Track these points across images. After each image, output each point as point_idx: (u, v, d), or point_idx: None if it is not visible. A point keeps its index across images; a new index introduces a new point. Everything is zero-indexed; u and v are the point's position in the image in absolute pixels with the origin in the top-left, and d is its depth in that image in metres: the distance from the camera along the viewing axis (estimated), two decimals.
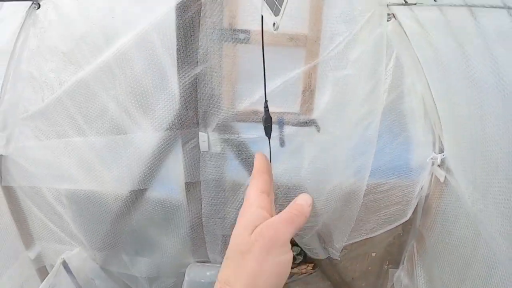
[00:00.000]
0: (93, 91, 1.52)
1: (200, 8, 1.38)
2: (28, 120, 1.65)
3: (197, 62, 1.41)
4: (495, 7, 0.79)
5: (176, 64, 1.42)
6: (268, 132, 0.83)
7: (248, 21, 1.38)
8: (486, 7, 0.81)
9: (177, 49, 1.41)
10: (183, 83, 1.42)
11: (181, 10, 1.39)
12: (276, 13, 0.84)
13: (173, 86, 1.44)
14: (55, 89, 1.61)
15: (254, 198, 0.41)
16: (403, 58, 1.45)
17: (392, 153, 1.62)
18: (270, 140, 0.84)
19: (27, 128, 1.70)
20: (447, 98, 1.19)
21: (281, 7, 0.83)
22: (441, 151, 1.41)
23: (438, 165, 1.45)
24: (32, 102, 1.64)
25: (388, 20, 1.39)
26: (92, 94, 1.53)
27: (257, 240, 0.35)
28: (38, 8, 1.60)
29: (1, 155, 1.73)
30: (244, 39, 1.38)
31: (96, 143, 1.57)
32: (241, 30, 1.33)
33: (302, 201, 0.40)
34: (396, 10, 1.32)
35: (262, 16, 0.88)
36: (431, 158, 1.46)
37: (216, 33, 1.38)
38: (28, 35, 1.63)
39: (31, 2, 1.59)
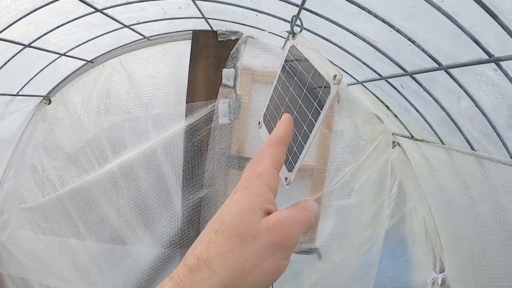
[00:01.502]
0: (94, 198, 1.53)
1: (209, 133, 1.40)
2: (26, 212, 1.65)
3: (202, 185, 1.41)
4: (504, 163, 0.79)
5: (181, 184, 1.43)
6: None
7: (256, 150, 1.39)
8: (494, 161, 0.81)
9: (183, 170, 1.42)
10: (187, 204, 1.42)
11: (191, 133, 1.40)
12: (290, 168, 0.84)
13: (177, 205, 1.44)
14: (57, 187, 1.62)
15: (266, 171, 0.35)
16: (406, 184, 1.46)
17: (392, 275, 1.61)
18: None
19: (24, 219, 1.69)
20: (449, 223, 1.20)
21: (295, 164, 0.83)
22: (442, 270, 1.41)
23: (439, 285, 1.44)
24: (32, 194, 1.64)
25: (393, 147, 1.40)
26: (94, 200, 1.53)
27: (270, 232, 0.30)
28: (49, 103, 1.62)
29: None
30: None
31: (92, 248, 1.57)
32: (248, 158, 1.34)
33: (311, 207, 0.35)
34: (400, 139, 1.34)
35: None
36: (432, 278, 1.45)
37: (223, 159, 1.39)
38: (35, 129, 1.64)
39: (42, 97, 1.61)
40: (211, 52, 1.40)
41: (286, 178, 0.84)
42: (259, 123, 1.14)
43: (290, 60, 0.91)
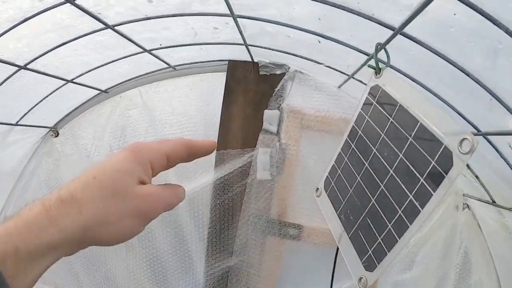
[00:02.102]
0: (102, 254, 1.30)
1: (244, 190, 1.13)
2: None
3: (231, 252, 1.14)
4: None
5: (206, 249, 1.17)
6: None
7: (302, 215, 1.11)
8: None
9: (209, 232, 1.16)
10: (211, 273, 1.16)
11: (221, 188, 1.15)
12: (369, 266, 0.59)
13: (199, 273, 1.19)
14: None
15: (158, 150, 0.37)
16: (472, 252, 1.24)
17: None
18: None
19: None
20: None
21: (378, 261, 0.58)
22: None
23: None
24: None
25: (462, 210, 1.17)
26: (101, 256, 1.31)
27: (139, 199, 0.33)
28: (56, 136, 1.40)
29: None
30: (293, 236, 1.11)
31: None
32: (292, 224, 1.09)
33: (180, 194, 0.40)
34: (472, 201, 1.12)
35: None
36: None
37: (260, 223, 1.12)
38: (39, 164, 1.44)
39: (48, 129, 1.39)
40: (251, 88, 1.14)
41: (362, 278, 0.61)
42: (318, 189, 0.90)
43: (372, 107, 0.69)
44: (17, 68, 0.95)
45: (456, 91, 0.78)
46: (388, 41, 0.69)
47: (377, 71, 0.69)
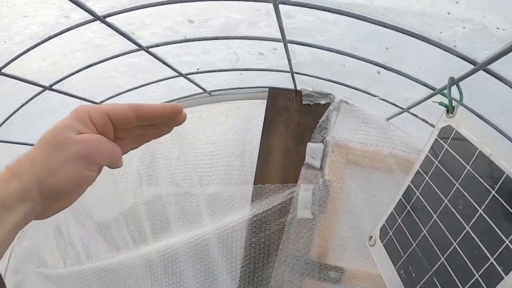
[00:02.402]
0: (124, 284, 1.23)
1: (283, 228, 1.05)
2: (44, 278, 1.44)
3: None
4: None
5: None
6: None
7: (344, 258, 1.03)
8: None
9: (241, 271, 1.09)
10: None
11: (258, 224, 1.07)
12: None
13: None
14: (81, 258, 1.36)
15: (99, 108, 0.39)
16: None
17: None
18: None
19: (40, 284, 1.49)
20: None
21: None
22: None
23: None
24: (52, 259, 1.43)
25: None
26: (123, 287, 1.22)
27: (79, 144, 0.36)
28: None
29: None
30: (334, 279, 1.03)
31: None
32: (333, 266, 1.01)
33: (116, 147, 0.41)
34: None
35: None
36: None
37: (298, 264, 1.04)
38: None
39: None
40: (293, 119, 1.07)
41: None
42: (372, 237, 0.82)
43: (444, 149, 0.62)
44: (41, 89, 0.90)
45: None
46: (466, 76, 0.61)
47: (450, 110, 0.62)
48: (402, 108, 0.94)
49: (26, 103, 0.95)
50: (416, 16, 0.60)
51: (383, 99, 0.94)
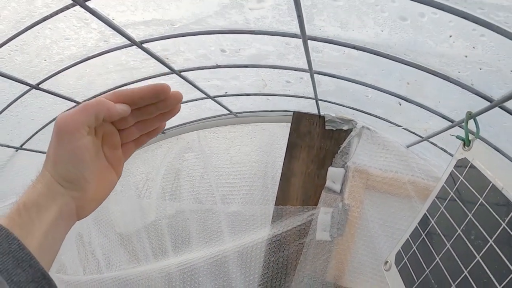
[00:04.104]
0: None
1: (301, 249, 1.10)
2: (63, 284, 1.49)
3: None
4: None
5: None
6: None
7: (360, 281, 1.08)
8: None
9: None
10: None
11: (277, 244, 1.13)
12: None
13: None
14: (101, 267, 1.42)
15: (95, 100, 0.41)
16: None
17: None
18: None
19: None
20: None
21: None
22: None
23: None
24: (72, 265, 1.49)
25: None
26: None
27: (55, 126, 0.39)
28: None
29: None
30: None
31: None
32: None
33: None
34: None
35: None
36: None
37: (315, 285, 1.09)
38: None
39: None
40: (315, 143, 1.13)
41: None
42: (387, 262, 0.86)
43: (459, 181, 0.66)
44: (75, 104, 0.99)
45: None
46: (482, 112, 0.67)
47: (466, 143, 0.67)
48: (422, 137, 1.00)
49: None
50: (436, 57, 0.67)
51: (405, 128, 1.01)
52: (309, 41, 0.71)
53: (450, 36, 0.60)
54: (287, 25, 0.68)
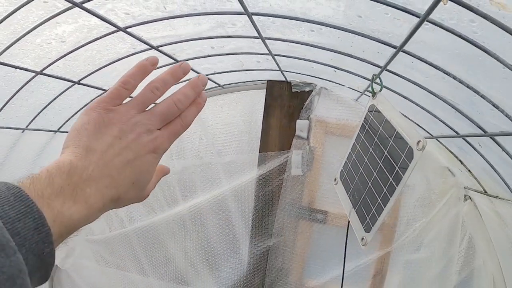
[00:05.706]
0: (162, 238, 1.66)
1: (282, 183, 1.49)
2: (92, 243, 1.80)
3: (271, 234, 1.50)
4: None
5: (250, 232, 1.53)
6: None
7: (327, 203, 1.47)
8: None
9: (253, 218, 1.52)
10: (254, 252, 1.52)
11: (263, 182, 1.51)
12: (367, 229, 0.90)
13: (244, 252, 1.55)
14: (124, 223, 1.76)
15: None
16: (476, 239, 1.47)
17: None
18: None
19: (89, 250, 1.84)
20: None
21: (373, 225, 0.89)
22: None
23: None
24: (99, 227, 1.79)
25: (464, 201, 1.43)
26: (161, 240, 1.67)
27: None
28: None
29: (57, 265, 1.88)
30: (320, 220, 1.47)
31: (155, 286, 1.70)
32: (319, 210, 1.44)
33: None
34: (472, 193, 1.37)
35: (348, 223, 0.98)
36: None
37: (294, 210, 1.48)
38: None
39: None
40: (285, 103, 1.51)
41: (363, 238, 0.91)
42: (335, 179, 1.22)
43: (370, 119, 0.96)
44: (103, 91, 1.33)
45: None
46: (379, 73, 1.05)
47: (373, 94, 1.04)
48: (361, 92, 1.39)
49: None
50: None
51: (350, 88, 1.39)
52: (266, 40, 1.07)
53: None
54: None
